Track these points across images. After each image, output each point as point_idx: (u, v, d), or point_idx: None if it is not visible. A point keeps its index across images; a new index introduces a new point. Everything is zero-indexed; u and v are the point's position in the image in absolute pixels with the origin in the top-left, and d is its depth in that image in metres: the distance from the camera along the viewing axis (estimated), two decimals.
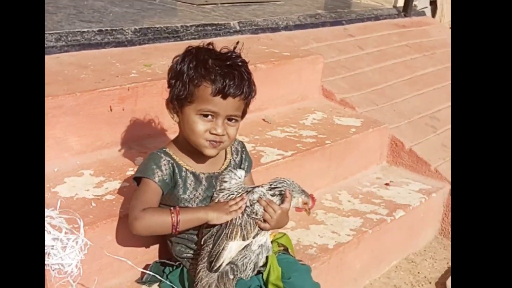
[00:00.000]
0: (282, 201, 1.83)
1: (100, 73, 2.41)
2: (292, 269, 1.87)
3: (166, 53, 2.81)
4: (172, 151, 1.85)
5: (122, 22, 3.09)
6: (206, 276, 1.76)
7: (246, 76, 1.77)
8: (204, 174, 1.85)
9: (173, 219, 1.72)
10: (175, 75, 1.79)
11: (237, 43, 1.85)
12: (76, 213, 1.82)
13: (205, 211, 1.77)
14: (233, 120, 1.79)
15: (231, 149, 1.96)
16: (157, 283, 1.93)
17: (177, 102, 1.79)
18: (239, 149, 1.99)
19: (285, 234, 2.03)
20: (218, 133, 1.75)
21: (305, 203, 1.90)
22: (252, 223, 1.77)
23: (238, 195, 1.82)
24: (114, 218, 1.89)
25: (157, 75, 2.47)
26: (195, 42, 3.04)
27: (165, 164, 1.80)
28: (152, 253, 2.01)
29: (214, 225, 1.78)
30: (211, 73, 1.72)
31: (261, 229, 1.80)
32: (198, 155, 1.83)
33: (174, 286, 1.88)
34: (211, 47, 1.83)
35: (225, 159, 1.93)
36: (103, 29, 2.87)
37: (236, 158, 1.96)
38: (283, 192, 1.83)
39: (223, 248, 1.75)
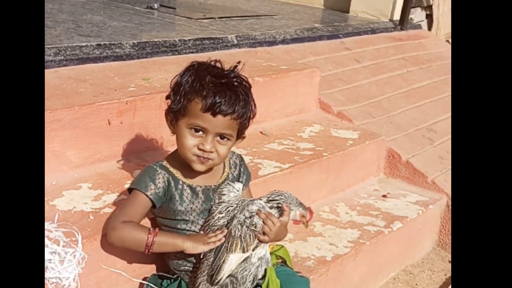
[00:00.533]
0: (281, 214, 1.84)
1: (99, 87, 2.42)
2: (290, 281, 1.88)
3: (164, 67, 2.84)
4: (169, 164, 1.86)
5: (121, 36, 3.12)
6: (208, 287, 1.77)
7: (241, 97, 1.76)
8: (201, 187, 1.86)
9: (148, 239, 1.74)
10: (174, 87, 1.82)
11: (239, 62, 1.85)
12: (74, 226, 1.82)
13: (183, 239, 1.78)
14: (225, 139, 1.79)
15: (229, 162, 1.97)
16: None
17: (172, 114, 1.81)
18: (238, 163, 1.99)
19: (282, 246, 2.03)
20: (205, 149, 1.76)
21: (303, 216, 1.90)
22: (251, 235, 1.78)
23: (236, 206, 1.82)
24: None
25: (155, 89, 2.49)
26: (193, 56, 3.14)
27: (159, 178, 1.81)
28: (149, 266, 2.02)
29: None
30: (204, 89, 1.73)
31: (260, 241, 1.80)
32: (193, 169, 1.83)
33: None
34: (217, 64, 1.83)
35: (223, 172, 1.94)
36: (102, 43, 2.89)
37: (234, 171, 1.97)
38: (280, 205, 1.84)
39: (223, 261, 1.76)
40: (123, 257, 1.94)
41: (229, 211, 1.82)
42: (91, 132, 2.24)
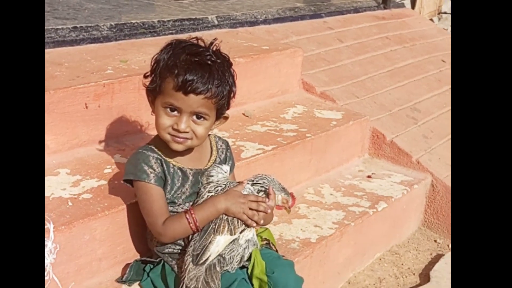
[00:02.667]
0: (267, 198, 1.83)
1: (75, 70, 2.36)
2: (275, 264, 1.85)
3: (143, 49, 2.77)
4: (156, 148, 1.83)
5: (98, 18, 3.04)
6: (194, 269, 1.75)
7: (216, 75, 1.72)
8: (191, 170, 1.84)
9: (190, 223, 1.75)
10: (152, 65, 1.79)
11: (215, 39, 1.81)
12: (46, 215, 1.77)
13: (219, 202, 1.78)
14: (201, 118, 1.75)
15: (216, 146, 1.95)
16: (138, 282, 1.90)
17: (150, 93, 1.79)
18: (224, 147, 1.97)
19: (267, 228, 2.01)
20: (179, 129, 1.73)
21: (285, 201, 1.90)
22: (239, 219, 1.77)
23: (226, 188, 1.81)
24: (91, 217, 1.85)
25: (133, 71, 2.43)
26: (172, 37, 3.05)
27: (155, 162, 1.79)
28: (132, 252, 1.98)
29: None
30: (177, 67, 1.70)
31: (248, 225, 1.79)
32: (182, 151, 1.81)
33: (155, 284, 1.85)
34: (199, 42, 1.79)
35: (211, 155, 1.92)
36: (78, 25, 2.81)
37: (221, 155, 1.95)
38: (266, 188, 1.83)
39: (210, 242, 1.75)
40: (104, 243, 1.90)
41: (217, 191, 1.81)
42: (68, 117, 2.18)
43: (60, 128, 2.16)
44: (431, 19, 5.54)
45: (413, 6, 5.35)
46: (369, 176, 2.93)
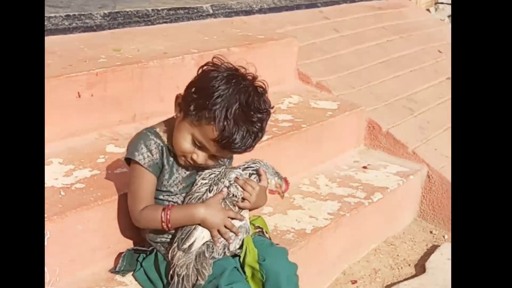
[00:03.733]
0: (259, 180, 1.82)
1: (67, 59, 2.33)
2: (267, 251, 1.84)
3: (137, 38, 2.75)
4: (162, 132, 1.80)
5: (91, 7, 3.01)
6: (183, 256, 1.74)
7: (259, 134, 1.68)
8: None
9: (162, 217, 1.73)
10: (202, 87, 1.67)
11: (272, 107, 1.74)
12: None
13: (198, 210, 1.74)
14: (220, 159, 1.78)
15: None
16: (131, 272, 1.89)
17: (184, 110, 1.69)
18: None
19: (259, 216, 2.01)
20: (197, 161, 1.72)
21: (279, 186, 1.89)
22: (228, 204, 1.76)
23: (220, 174, 1.80)
24: (84, 207, 1.84)
25: (126, 60, 2.40)
26: (166, 26, 3.04)
27: (155, 147, 1.76)
28: (125, 241, 1.96)
29: None
30: (226, 124, 1.61)
31: (241, 208, 1.79)
32: None
33: (149, 274, 1.84)
34: (260, 85, 1.72)
35: None
36: (71, 14, 2.78)
37: None
38: (257, 171, 1.83)
39: (194, 228, 1.74)
40: (97, 233, 1.89)
41: (211, 178, 1.81)
42: (61, 106, 2.16)
43: (53, 118, 2.13)
44: (428, 9, 5.51)
45: None
46: (364, 167, 2.91)
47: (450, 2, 5.92)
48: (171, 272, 1.74)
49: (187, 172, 1.81)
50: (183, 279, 1.72)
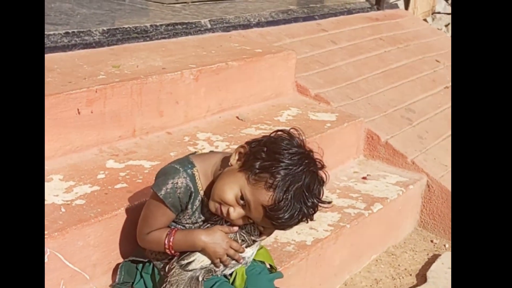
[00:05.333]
0: None
1: (67, 76, 2.35)
2: (254, 280, 1.81)
3: (135, 54, 2.77)
4: (197, 174, 1.72)
5: (90, 24, 3.03)
6: (178, 274, 1.73)
7: (300, 223, 1.66)
8: None
9: (165, 243, 1.72)
10: (274, 153, 1.62)
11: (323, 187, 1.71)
12: None
13: (199, 238, 1.72)
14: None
15: None
16: (130, 284, 1.89)
17: (247, 164, 1.64)
18: None
19: (262, 247, 1.93)
20: (229, 216, 1.66)
21: None
22: (239, 238, 1.74)
23: None
24: (85, 224, 1.84)
25: (126, 76, 2.42)
26: (165, 42, 3.07)
27: (182, 191, 1.69)
28: (126, 257, 1.96)
29: None
30: (284, 196, 1.58)
31: (256, 241, 1.77)
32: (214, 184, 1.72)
33: (147, 286, 1.84)
34: (323, 176, 1.69)
35: None
36: (70, 31, 2.80)
37: None
38: None
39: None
40: (97, 249, 1.89)
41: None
42: (60, 122, 2.17)
43: (53, 134, 2.15)
44: (425, 19, 5.54)
45: (406, 7, 5.36)
46: (364, 178, 2.92)
47: (447, 12, 5.95)
48: (163, 286, 1.74)
49: (207, 214, 1.76)
50: None
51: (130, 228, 1.92)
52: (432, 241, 2.93)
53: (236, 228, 1.73)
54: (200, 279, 1.73)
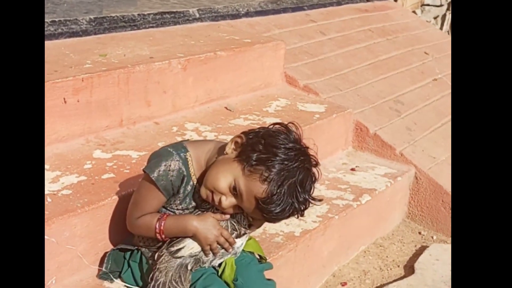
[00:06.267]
0: None
1: (53, 65, 2.32)
2: (242, 271, 1.80)
3: (123, 42, 2.74)
4: (190, 159, 1.73)
5: (77, 12, 2.99)
6: (167, 261, 1.73)
7: (290, 217, 1.68)
8: None
9: (156, 227, 1.71)
10: (271, 147, 1.63)
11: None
12: None
13: (191, 223, 1.72)
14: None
15: None
16: (118, 274, 1.87)
17: (244, 152, 1.65)
18: None
19: (251, 238, 1.94)
20: (220, 204, 1.67)
21: None
22: (230, 227, 1.74)
23: None
24: (71, 213, 1.82)
25: (112, 65, 2.39)
26: (153, 31, 3.04)
27: (175, 174, 1.70)
28: (113, 247, 1.95)
29: None
30: (278, 190, 1.60)
31: (246, 233, 1.77)
32: (207, 170, 1.73)
33: (135, 274, 1.83)
34: (316, 173, 1.72)
35: None
36: (57, 19, 2.76)
37: None
38: None
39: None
40: (84, 239, 1.88)
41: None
42: (47, 112, 2.13)
43: None
44: (414, 11, 5.53)
45: None
46: (352, 169, 2.92)
47: (436, 4, 5.95)
48: (151, 274, 1.73)
49: (198, 200, 1.77)
50: (158, 286, 1.71)
51: (117, 218, 1.90)
52: (420, 232, 2.94)
53: (228, 216, 1.73)
54: (189, 268, 1.73)
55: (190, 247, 1.73)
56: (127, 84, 2.39)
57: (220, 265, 1.81)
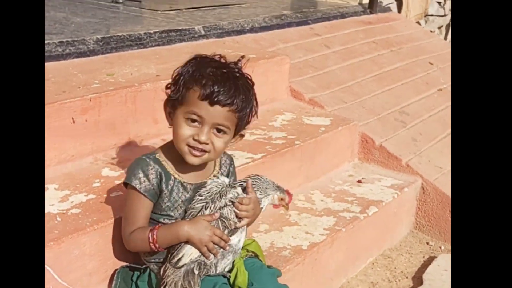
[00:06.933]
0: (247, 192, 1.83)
1: (61, 85, 2.36)
2: (255, 275, 1.83)
3: (129, 61, 2.78)
4: (162, 157, 1.83)
5: (84, 32, 3.04)
6: (172, 273, 1.75)
7: (242, 90, 1.74)
8: (191, 184, 1.83)
9: (149, 237, 1.75)
10: (174, 77, 1.79)
11: (243, 56, 1.87)
12: None
13: (182, 229, 1.76)
14: (221, 132, 1.75)
15: (220, 162, 1.93)
16: None
17: (171, 104, 1.79)
18: (228, 162, 1.97)
19: (254, 240, 1.98)
20: (200, 140, 1.72)
21: (282, 199, 1.90)
22: (220, 225, 1.77)
23: (216, 191, 1.81)
24: (80, 232, 1.85)
25: (120, 84, 2.43)
26: (159, 49, 3.08)
27: (152, 173, 1.78)
28: (122, 265, 1.97)
29: None
30: (204, 78, 1.71)
31: (237, 228, 1.79)
32: (187, 164, 1.79)
33: None
34: (219, 58, 1.81)
35: (213, 171, 1.90)
36: (64, 40, 2.81)
37: (224, 171, 1.94)
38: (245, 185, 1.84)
39: (184, 244, 1.75)
40: (94, 257, 1.90)
41: (208, 195, 1.81)
42: (55, 132, 2.18)
43: (48, 143, 2.15)
44: (418, 22, 5.56)
45: (399, 10, 5.37)
46: (359, 181, 2.94)
47: (440, 14, 5.98)
48: None
49: (187, 195, 1.82)
50: None
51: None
52: (428, 243, 2.94)
53: (217, 215, 1.77)
54: (196, 272, 1.75)
55: (189, 253, 1.75)
56: (134, 103, 2.43)
57: (230, 271, 1.83)
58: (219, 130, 1.75)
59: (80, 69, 2.62)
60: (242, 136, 1.86)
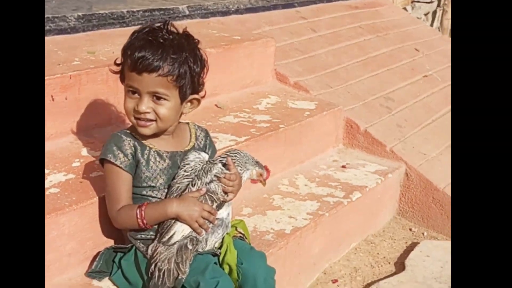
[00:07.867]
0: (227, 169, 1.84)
1: None
2: (245, 256, 1.84)
3: (111, 40, 2.72)
4: (134, 132, 1.82)
5: (65, 9, 2.97)
6: (165, 250, 1.73)
7: (171, 51, 1.71)
8: (167, 152, 1.83)
9: (137, 214, 1.74)
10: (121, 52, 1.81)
11: (168, 22, 1.83)
12: None
13: (171, 205, 1.76)
14: (161, 99, 1.74)
15: (195, 134, 1.94)
16: (108, 275, 1.87)
17: (120, 79, 1.82)
18: (203, 135, 1.97)
19: (242, 220, 2.00)
20: (139, 110, 1.73)
21: (260, 175, 1.93)
22: (208, 200, 1.77)
23: (200, 167, 1.82)
24: (59, 212, 1.81)
25: (101, 62, 2.37)
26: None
27: (125, 145, 1.78)
28: (102, 246, 1.93)
29: None
30: (130, 47, 1.72)
31: (225, 201, 1.81)
32: (157, 135, 1.82)
33: (127, 275, 1.82)
34: (169, 27, 1.79)
35: (190, 141, 1.91)
36: (45, 16, 2.74)
37: (200, 143, 1.94)
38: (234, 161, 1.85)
39: (174, 221, 1.75)
40: (73, 238, 1.86)
41: (194, 171, 1.82)
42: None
43: None
44: (405, 8, 5.54)
45: None
46: (343, 166, 2.92)
47: (426, 0, 5.96)
48: (151, 267, 1.73)
49: (164, 164, 1.82)
50: (163, 274, 1.71)
51: (106, 216, 1.88)
52: (410, 229, 2.94)
53: (204, 190, 1.77)
54: (190, 247, 1.74)
55: (180, 230, 1.75)
56: (116, 82, 2.34)
57: (221, 247, 1.83)
58: (158, 98, 1.74)
59: (60, 46, 2.55)
60: (198, 100, 1.84)
